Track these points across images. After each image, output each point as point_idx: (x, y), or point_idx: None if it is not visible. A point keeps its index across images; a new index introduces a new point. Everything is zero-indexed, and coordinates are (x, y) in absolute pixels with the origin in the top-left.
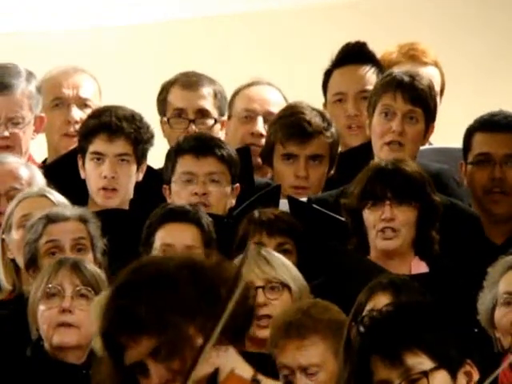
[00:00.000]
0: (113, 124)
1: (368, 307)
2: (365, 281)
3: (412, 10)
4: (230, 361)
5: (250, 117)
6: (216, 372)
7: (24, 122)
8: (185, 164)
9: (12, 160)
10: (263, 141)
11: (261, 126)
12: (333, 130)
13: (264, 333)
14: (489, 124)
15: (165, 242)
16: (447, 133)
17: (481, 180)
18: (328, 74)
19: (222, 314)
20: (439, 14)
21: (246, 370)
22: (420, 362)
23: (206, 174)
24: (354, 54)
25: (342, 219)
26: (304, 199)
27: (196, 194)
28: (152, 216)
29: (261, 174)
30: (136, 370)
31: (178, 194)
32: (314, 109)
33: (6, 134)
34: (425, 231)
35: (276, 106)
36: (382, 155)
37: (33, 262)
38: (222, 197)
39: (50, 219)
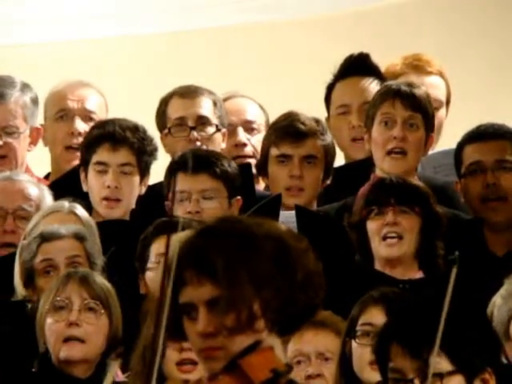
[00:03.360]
0: (116, 133)
1: (361, 321)
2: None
3: (414, 24)
4: (274, 342)
5: (229, 130)
6: (255, 344)
7: (18, 132)
8: (178, 182)
9: (22, 178)
10: (248, 150)
11: (242, 136)
12: (328, 137)
13: None
14: (476, 135)
15: (160, 252)
16: (449, 143)
17: (475, 189)
18: (330, 88)
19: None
20: (441, 27)
21: (282, 358)
22: (439, 362)
23: (198, 191)
24: (357, 66)
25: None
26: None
27: (189, 212)
28: (147, 230)
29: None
30: (186, 309)
31: (176, 212)
32: (308, 116)
33: (0, 142)
34: (428, 243)
35: (253, 114)
36: (384, 166)
37: (30, 281)
38: (217, 213)
39: (44, 238)
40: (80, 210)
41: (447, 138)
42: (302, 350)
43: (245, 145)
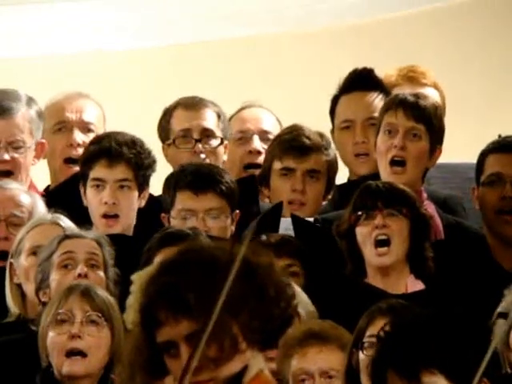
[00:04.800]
0: (112, 149)
1: (368, 333)
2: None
3: (416, 37)
4: (259, 363)
5: (245, 137)
6: (243, 370)
7: (25, 147)
8: (183, 200)
9: (14, 186)
10: (261, 158)
11: (258, 144)
12: (331, 151)
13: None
14: (501, 145)
15: None
16: (450, 158)
17: (492, 200)
18: (335, 100)
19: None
20: (442, 41)
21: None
22: (435, 381)
23: (205, 210)
24: (362, 81)
25: None
26: (311, 219)
27: None
28: (151, 241)
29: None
30: (166, 348)
31: None
32: (312, 130)
33: (7, 157)
34: (418, 246)
35: (269, 125)
36: (386, 178)
37: (44, 282)
38: (223, 231)
39: (67, 236)
40: (64, 221)
41: (445, 151)
42: (306, 368)
43: (259, 153)
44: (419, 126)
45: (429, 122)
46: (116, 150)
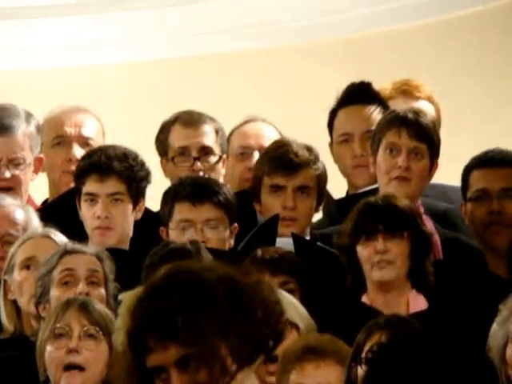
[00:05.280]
0: (102, 164)
1: (367, 347)
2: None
3: (412, 51)
4: (247, 376)
5: (246, 153)
6: None
7: (25, 163)
8: (182, 211)
9: (8, 203)
10: None
11: None
12: (320, 164)
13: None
14: (484, 160)
15: None
16: (446, 172)
17: (480, 215)
18: (333, 114)
19: None
20: (439, 54)
21: None
22: None
23: (203, 221)
24: (360, 94)
25: None
26: (307, 237)
27: None
28: (152, 255)
29: None
30: (156, 374)
31: (177, 241)
32: (300, 143)
33: (8, 175)
34: (419, 263)
35: (271, 141)
36: (389, 190)
37: (44, 296)
38: (221, 242)
39: (67, 251)
40: (55, 234)
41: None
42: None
43: None
44: (422, 145)
45: (430, 141)
46: (106, 164)
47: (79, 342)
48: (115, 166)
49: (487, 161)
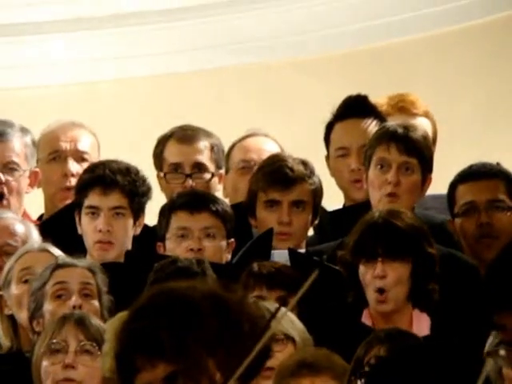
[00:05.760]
0: (106, 177)
1: (366, 361)
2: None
3: (408, 63)
4: None
5: (247, 167)
6: None
7: (19, 170)
8: (179, 220)
9: (8, 216)
10: None
11: None
12: (316, 178)
13: None
14: (468, 174)
15: None
16: (443, 184)
17: (470, 229)
18: (330, 127)
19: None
20: (435, 68)
21: None
22: None
23: (200, 229)
24: (356, 107)
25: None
26: (303, 250)
27: (192, 249)
28: (158, 272)
29: None
30: None
31: (173, 251)
32: (296, 158)
33: (1, 178)
34: (421, 284)
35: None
36: (380, 207)
37: (37, 311)
38: (218, 251)
39: (59, 265)
40: (52, 248)
41: (438, 182)
42: None
43: None
44: (411, 159)
45: (421, 155)
46: (110, 177)
47: (75, 358)
48: (119, 180)
49: (471, 174)
